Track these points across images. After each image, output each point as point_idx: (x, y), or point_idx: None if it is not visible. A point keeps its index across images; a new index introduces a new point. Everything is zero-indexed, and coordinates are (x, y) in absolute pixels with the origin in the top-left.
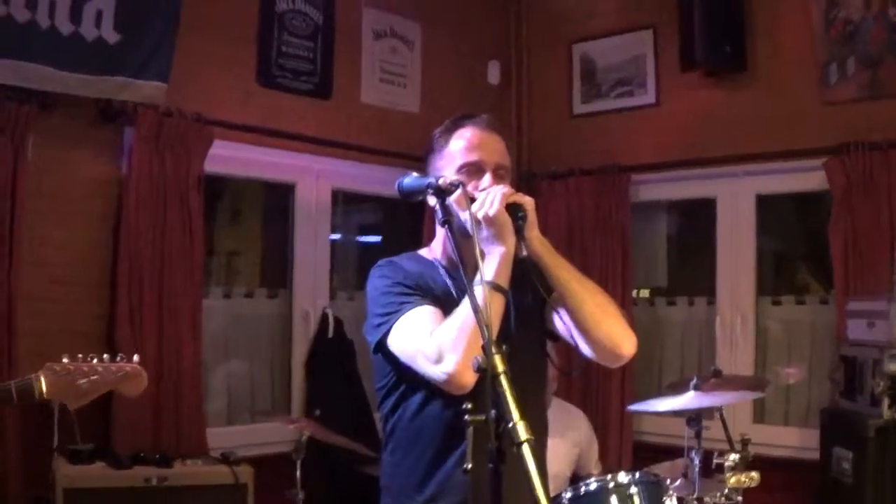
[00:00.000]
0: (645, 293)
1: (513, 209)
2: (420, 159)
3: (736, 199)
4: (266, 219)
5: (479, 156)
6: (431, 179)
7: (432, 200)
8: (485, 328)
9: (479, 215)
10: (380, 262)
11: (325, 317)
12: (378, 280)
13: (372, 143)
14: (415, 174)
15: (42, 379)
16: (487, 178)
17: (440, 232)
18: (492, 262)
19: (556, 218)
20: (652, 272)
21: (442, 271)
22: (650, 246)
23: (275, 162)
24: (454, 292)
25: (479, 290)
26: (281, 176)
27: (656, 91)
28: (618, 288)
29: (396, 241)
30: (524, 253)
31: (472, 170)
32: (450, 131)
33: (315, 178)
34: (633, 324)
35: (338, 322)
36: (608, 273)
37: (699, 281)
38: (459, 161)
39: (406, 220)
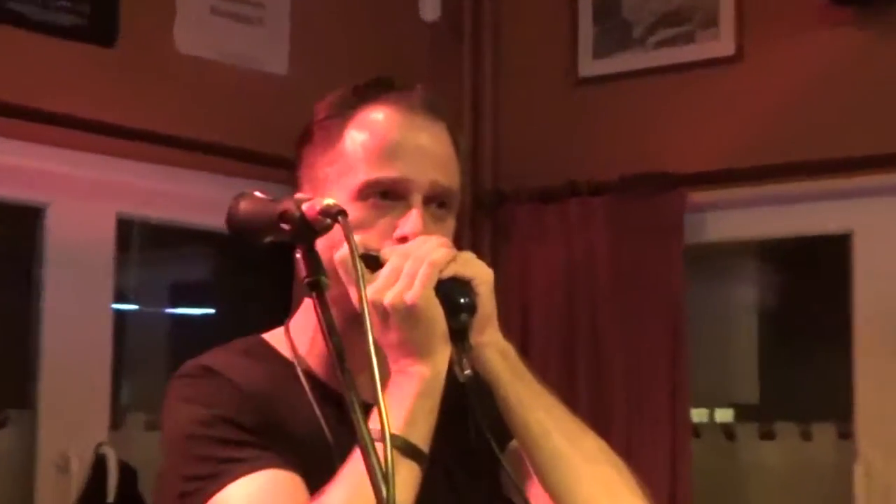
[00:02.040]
0: (721, 416)
1: (451, 290)
2: (290, 164)
3: (891, 235)
4: None
5: (400, 169)
6: (288, 203)
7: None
8: None
9: (386, 300)
10: (188, 369)
11: (100, 461)
12: (184, 408)
13: (196, 133)
14: (258, 194)
15: None
16: (414, 216)
17: (307, 303)
18: (402, 398)
19: (545, 275)
20: (731, 377)
21: (306, 385)
22: (726, 328)
23: (7, 165)
24: (328, 433)
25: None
26: (18, 192)
27: (737, 34)
28: (663, 407)
29: (243, 316)
30: (468, 372)
31: (385, 195)
32: (348, 110)
33: (85, 197)
34: (688, 473)
35: (126, 471)
36: (644, 380)
37: (820, 394)
38: (360, 175)
39: (262, 276)
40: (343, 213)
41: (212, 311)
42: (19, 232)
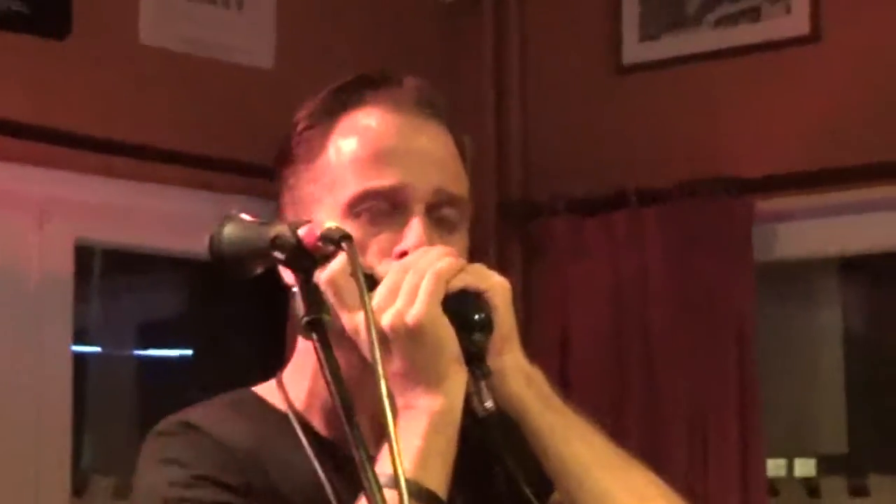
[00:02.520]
0: (802, 468)
1: (461, 306)
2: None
3: None
4: None
5: (396, 175)
6: (282, 229)
7: (288, 277)
8: None
9: (385, 322)
10: (164, 426)
11: None
12: (159, 470)
13: (167, 141)
14: (244, 216)
15: None
16: (415, 226)
17: (303, 347)
18: (410, 437)
19: (588, 301)
20: (812, 421)
21: (304, 441)
22: (806, 361)
23: None
24: (333, 497)
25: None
26: None
27: (812, 9)
28: (732, 458)
29: (226, 358)
30: (488, 405)
31: (381, 208)
32: (330, 117)
33: (36, 220)
34: None
35: None
36: (709, 425)
37: None
38: (350, 188)
39: (249, 311)
40: (348, 237)
41: (189, 352)
42: None
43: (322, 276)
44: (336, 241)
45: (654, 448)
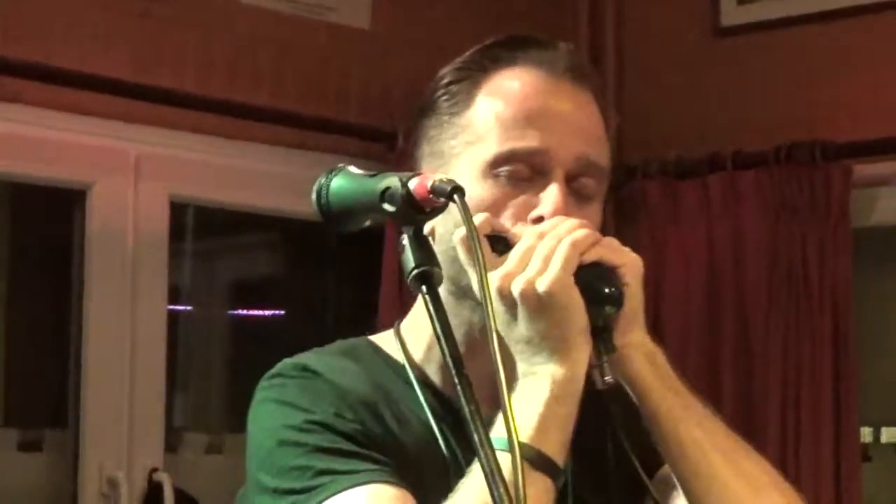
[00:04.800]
0: (891, 436)
1: (594, 278)
2: (376, 136)
3: None
4: (16, 270)
5: (540, 138)
6: (392, 181)
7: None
8: None
9: (515, 287)
10: (281, 368)
11: (154, 491)
12: (275, 411)
13: (262, 99)
14: (352, 169)
15: None
16: (554, 192)
17: (421, 301)
18: (531, 403)
19: (682, 266)
20: None
21: (419, 392)
22: None
23: (39, 138)
24: (444, 446)
25: (501, 460)
26: (54, 172)
27: None
28: (826, 425)
29: (319, 318)
30: (608, 379)
31: (521, 170)
32: (479, 74)
33: (132, 176)
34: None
35: (184, 502)
36: (803, 392)
37: None
38: (492, 147)
39: (341, 270)
40: (459, 189)
41: (281, 312)
42: (56, 219)
43: (455, 234)
44: (448, 193)
45: (748, 417)
